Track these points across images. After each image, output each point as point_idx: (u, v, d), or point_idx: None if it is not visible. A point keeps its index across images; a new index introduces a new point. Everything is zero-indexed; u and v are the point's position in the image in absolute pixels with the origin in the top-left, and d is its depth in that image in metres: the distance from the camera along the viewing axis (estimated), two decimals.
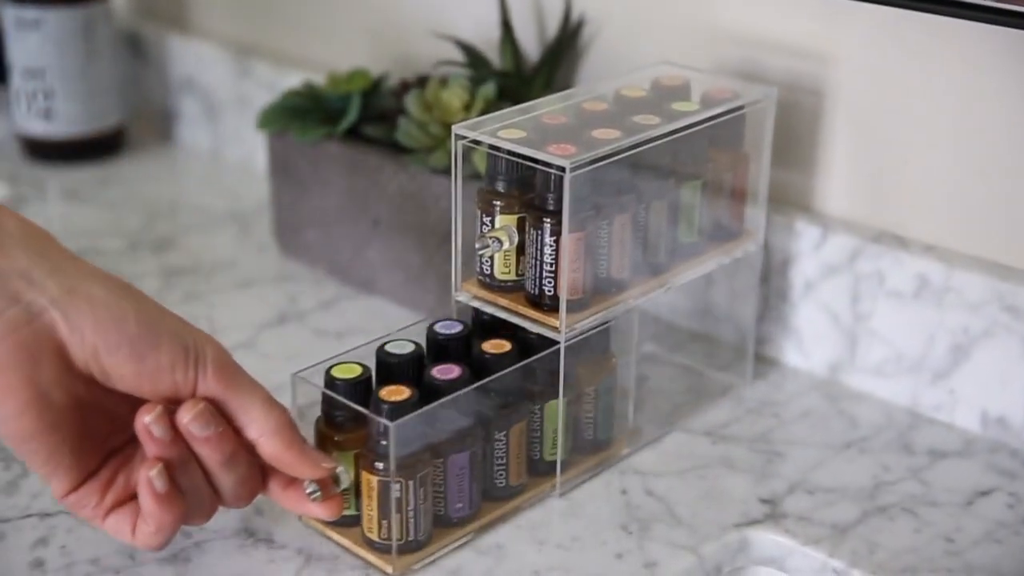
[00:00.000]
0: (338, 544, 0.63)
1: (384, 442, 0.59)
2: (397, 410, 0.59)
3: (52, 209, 1.08)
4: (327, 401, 0.62)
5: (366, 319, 0.86)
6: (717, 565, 0.65)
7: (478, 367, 0.64)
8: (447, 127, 0.80)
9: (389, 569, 0.61)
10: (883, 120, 0.75)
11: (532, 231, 0.64)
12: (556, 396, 0.66)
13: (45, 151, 1.11)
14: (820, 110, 0.77)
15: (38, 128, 1.10)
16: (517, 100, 0.76)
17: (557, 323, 0.64)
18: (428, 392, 0.61)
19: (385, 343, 0.64)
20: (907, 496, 0.68)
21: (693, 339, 0.84)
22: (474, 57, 0.87)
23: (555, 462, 0.67)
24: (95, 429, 0.58)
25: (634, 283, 0.68)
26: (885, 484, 0.69)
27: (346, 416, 0.62)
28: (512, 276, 0.66)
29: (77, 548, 0.63)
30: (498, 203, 0.65)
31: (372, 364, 0.64)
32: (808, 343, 0.79)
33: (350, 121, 0.87)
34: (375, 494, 0.60)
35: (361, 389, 0.62)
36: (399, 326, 0.67)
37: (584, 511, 0.67)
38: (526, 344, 0.65)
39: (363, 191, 0.87)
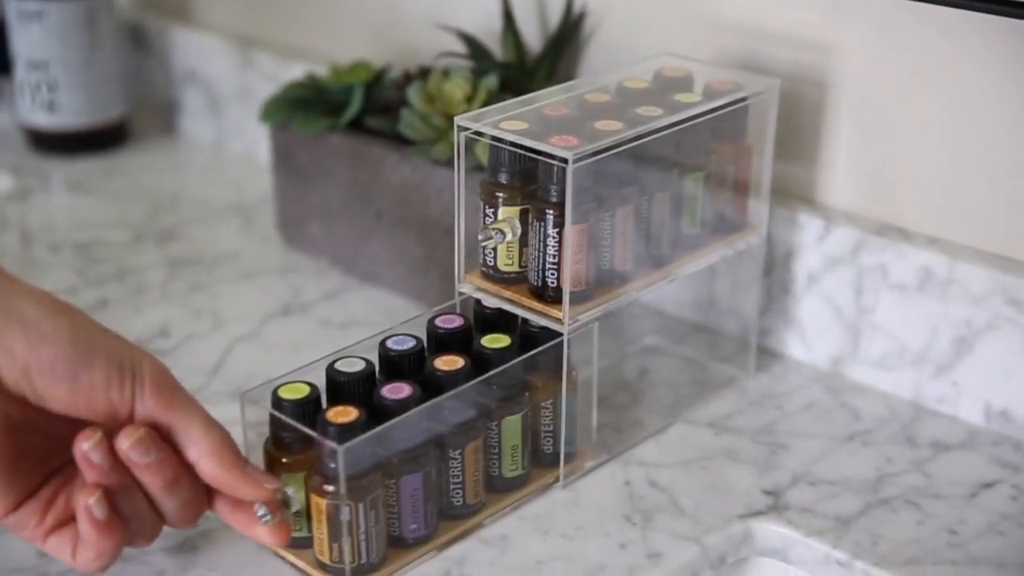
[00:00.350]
0: (293, 566, 0.62)
1: (332, 464, 0.57)
2: (345, 432, 0.57)
3: (56, 201, 1.08)
4: (274, 422, 0.61)
5: (369, 311, 0.86)
6: (720, 556, 0.65)
7: (431, 384, 0.62)
8: (449, 119, 0.80)
9: None
10: (886, 112, 0.75)
11: (535, 223, 0.64)
12: (512, 412, 0.64)
13: (49, 143, 1.11)
14: (823, 102, 0.77)
15: (42, 120, 1.10)
16: (519, 92, 0.76)
17: (560, 315, 0.64)
18: (378, 412, 0.59)
19: (335, 360, 0.62)
20: (910, 488, 0.68)
21: (696, 331, 0.84)
22: (476, 49, 0.87)
23: (514, 478, 0.66)
24: (31, 450, 0.57)
25: (637, 275, 0.68)
26: (888, 476, 0.69)
27: (294, 437, 0.60)
28: (515, 268, 0.66)
29: None
30: (501, 195, 0.65)
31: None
32: (811, 335, 0.79)
33: (353, 113, 0.87)
34: (324, 517, 0.59)
35: (309, 410, 0.60)
36: (402, 317, 0.67)
37: (587, 502, 0.67)
38: (482, 358, 0.64)
39: (366, 183, 0.87)
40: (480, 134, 0.65)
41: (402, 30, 0.99)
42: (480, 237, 0.65)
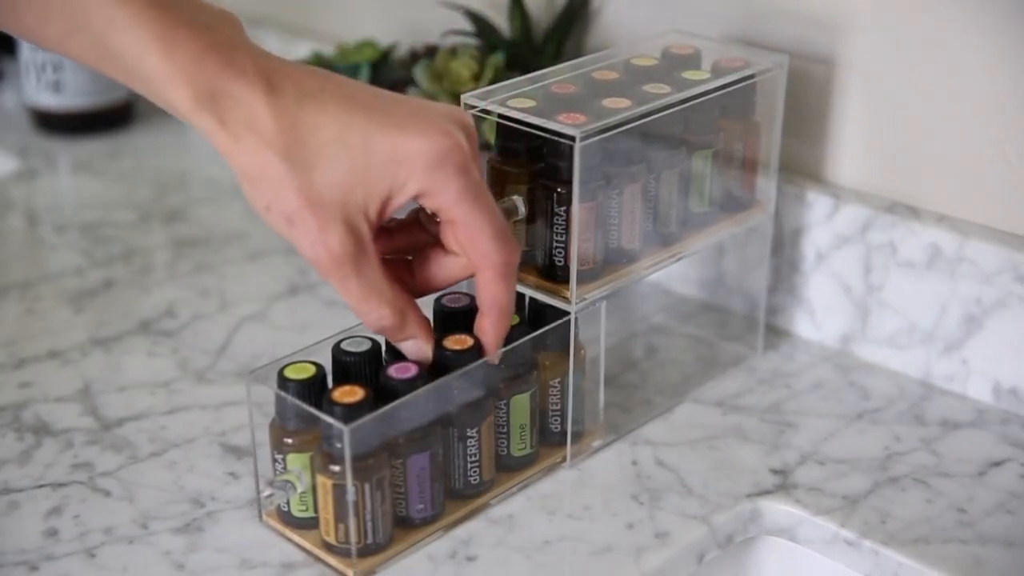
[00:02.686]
0: (298, 546, 0.61)
1: (338, 444, 0.57)
2: (351, 412, 0.57)
3: (63, 181, 1.08)
4: (280, 402, 0.60)
5: None
6: (728, 535, 0.65)
7: (439, 364, 0.60)
8: (456, 97, 0.80)
9: (349, 573, 0.59)
10: (895, 89, 0.74)
11: (542, 201, 0.64)
12: (521, 391, 0.64)
13: (55, 123, 1.11)
14: (832, 79, 0.76)
15: (48, 100, 1.10)
16: (526, 69, 0.76)
17: (568, 294, 0.64)
18: (385, 392, 0.58)
19: (341, 340, 0.62)
20: (919, 467, 0.68)
21: (704, 310, 0.84)
22: (483, 26, 0.86)
23: (522, 457, 0.66)
24: None
25: (645, 253, 0.68)
26: (897, 455, 0.69)
27: (300, 417, 0.60)
28: (522, 247, 0.66)
29: (90, 517, 0.64)
30: (508, 172, 0.64)
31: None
32: (820, 314, 0.79)
33: None
34: (330, 497, 0.58)
35: (315, 390, 0.59)
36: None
37: (595, 481, 0.67)
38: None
39: None
40: (487, 112, 0.64)
41: (409, 8, 0.98)
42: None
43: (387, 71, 0.89)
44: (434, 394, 0.60)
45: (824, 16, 0.76)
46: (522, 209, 0.64)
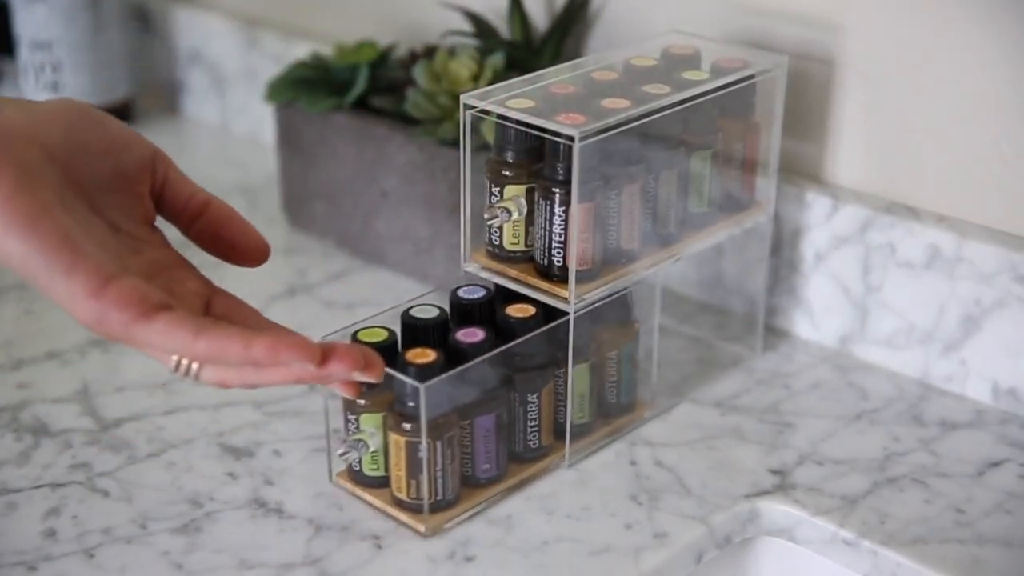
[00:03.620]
0: (368, 504, 0.64)
1: (412, 403, 0.60)
2: (425, 372, 0.60)
3: None
4: None
5: (375, 291, 0.86)
6: (727, 535, 0.65)
7: (502, 331, 0.64)
8: (455, 98, 0.80)
9: (421, 528, 0.63)
10: (895, 89, 0.74)
11: (541, 201, 0.64)
12: (579, 361, 0.67)
13: None
14: (831, 79, 0.76)
15: None
16: (526, 70, 0.76)
17: (566, 294, 0.64)
18: (452, 355, 0.62)
19: (409, 308, 0.64)
20: (917, 467, 0.68)
21: (703, 310, 0.84)
22: (482, 27, 0.86)
23: (578, 425, 0.68)
24: (98, 236, 0.52)
25: (644, 254, 0.68)
26: (895, 455, 0.69)
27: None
28: (521, 247, 0.66)
29: (89, 518, 0.64)
30: (507, 173, 0.64)
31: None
32: (818, 314, 0.79)
33: (358, 92, 0.87)
34: (403, 454, 0.62)
35: (386, 353, 0.60)
36: (408, 297, 0.67)
37: (594, 482, 0.67)
38: (550, 308, 0.65)
39: (371, 163, 0.86)
40: (487, 112, 0.64)
41: (408, 9, 0.98)
42: (486, 216, 0.64)
43: (386, 72, 0.89)
44: (500, 359, 0.63)
45: (823, 17, 0.76)
46: (522, 209, 0.64)
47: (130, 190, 0.56)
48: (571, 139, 0.61)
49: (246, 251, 0.59)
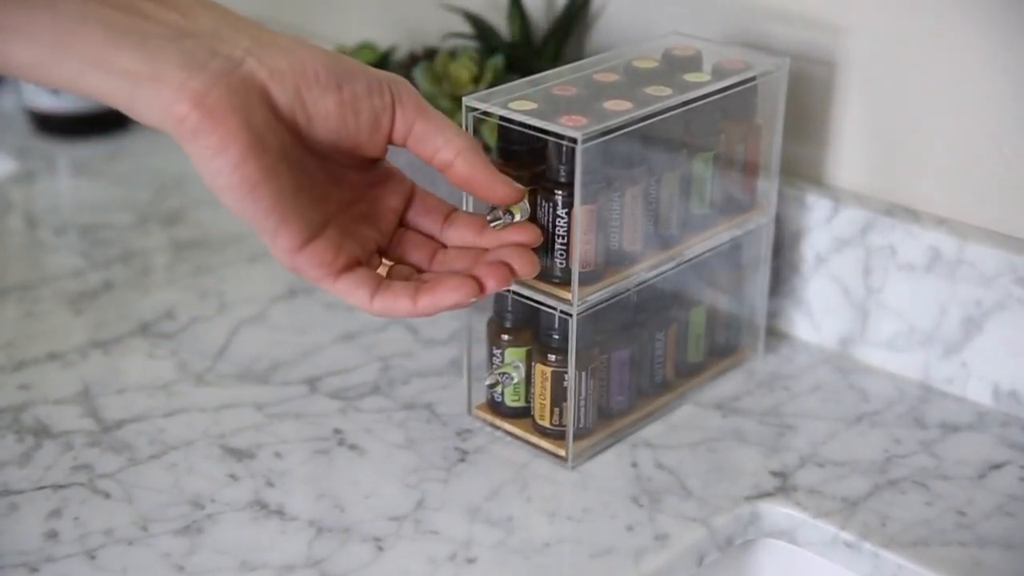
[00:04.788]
0: (508, 433, 0.70)
1: (556, 336, 0.66)
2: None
3: (61, 184, 1.08)
4: (499, 302, 0.68)
5: None
6: (728, 538, 0.65)
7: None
8: (456, 100, 0.80)
9: (562, 452, 0.67)
10: (896, 91, 0.74)
11: (543, 204, 0.64)
12: (695, 304, 0.73)
13: (54, 126, 1.11)
14: (832, 81, 0.76)
15: (46, 103, 1.10)
16: (526, 72, 0.76)
17: (569, 296, 0.64)
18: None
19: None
20: (918, 469, 0.68)
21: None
22: (482, 29, 0.86)
23: (696, 364, 0.75)
24: (310, 186, 0.57)
25: (645, 256, 0.68)
26: (896, 457, 0.69)
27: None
28: None
29: (90, 519, 0.64)
30: (509, 175, 0.64)
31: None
32: (819, 316, 0.79)
33: None
34: (548, 384, 0.67)
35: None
36: None
37: (595, 483, 0.67)
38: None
39: None
40: (489, 114, 0.64)
41: (408, 10, 0.98)
42: (488, 218, 0.64)
43: None
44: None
45: (824, 19, 0.76)
46: (526, 210, 0.64)
47: (358, 148, 0.58)
48: (574, 141, 0.61)
49: (495, 202, 0.61)
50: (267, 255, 0.91)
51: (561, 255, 0.64)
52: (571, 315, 0.64)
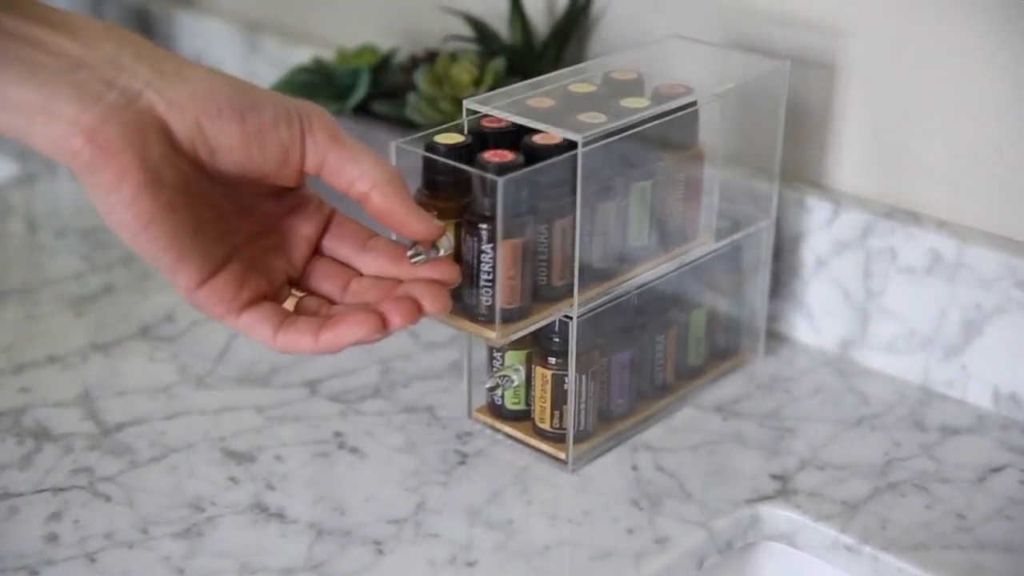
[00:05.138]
0: (508, 435, 0.70)
1: (556, 339, 0.66)
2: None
3: (62, 187, 1.08)
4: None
5: None
6: (728, 541, 0.65)
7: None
8: (457, 102, 0.80)
9: (562, 455, 0.67)
10: (896, 94, 0.74)
11: (467, 238, 0.61)
12: (696, 307, 0.73)
13: None
14: (832, 84, 0.76)
15: None
16: (527, 75, 0.76)
17: (493, 334, 0.62)
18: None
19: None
20: (918, 472, 0.68)
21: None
22: (483, 32, 0.86)
23: (696, 367, 0.75)
24: (212, 221, 0.55)
25: (580, 291, 0.64)
26: (896, 460, 0.69)
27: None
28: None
29: (91, 522, 0.64)
30: (435, 207, 0.62)
31: None
32: (819, 319, 0.79)
33: (359, 97, 0.87)
34: (548, 386, 0.67)
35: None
36: None
37: (595, 486, 0.67)
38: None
39: None
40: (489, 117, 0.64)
41: (409, 13, 0.98)
42: (409, 253, 0.59)
43: (387, 76, 0.89)
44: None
45: (825, 22, 0.76)
46: (448, 245, 0.59)
47: (268, 179, 0.56)
48: (494, 180, 0.58)
49: (412, 238, 0.58)
50: None
51: (486, 291, 0.62)
52: (571, 318, 0.64)
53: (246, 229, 0.57)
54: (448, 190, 0.62)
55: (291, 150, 0.55)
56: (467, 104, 0.64)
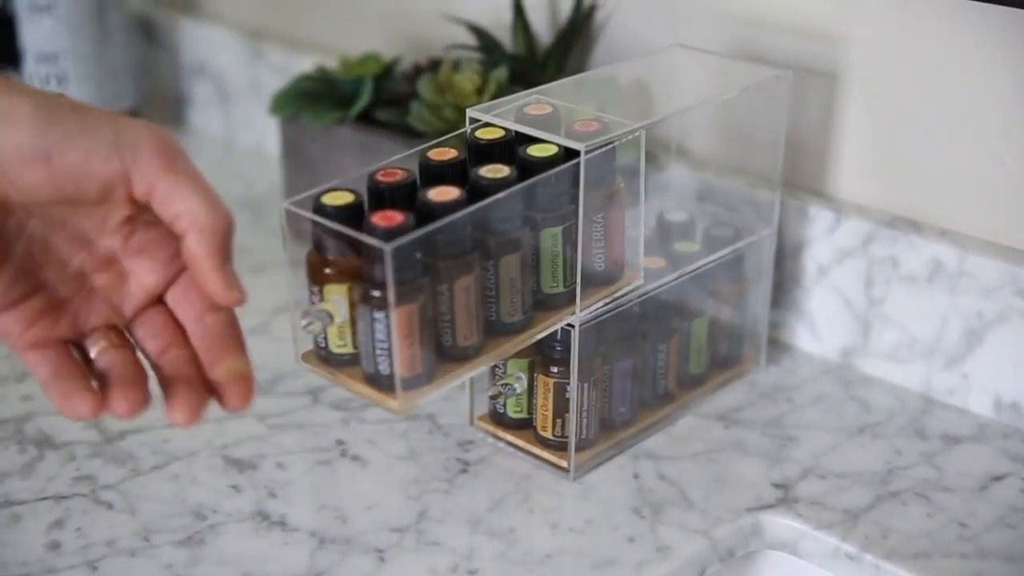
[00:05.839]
0: (510, 444, 0.70)
1: (559, 348, 0.66)
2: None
3: None
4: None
5: None
6: (729, 549, 0.65)
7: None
8: (460, 111, 0.80)
9: (564, 463, 0.68)
10: (897, 103, 0.74)
11: (360, 305, 0.57)
12: (697, 316, 0.74)
13: None
14: (834, 93, 0.76)
15: None
16: (529, 84, 0.76)
17: (395, 403, 0.58)
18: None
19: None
20: (920, 481, 0.68)
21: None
22: (486, 40, 0.87)
23: (698, 374, 0.75)
24: (20, 258, 0.52)
25: (487, 347, 0.61)
26: (898, 469, 0.69)
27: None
28: (349, 349, 0.59)
29: (93, 530, 0.64)
30: (328, 268, 0.58)
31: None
32: (821, 328, 0.79)
33: (362, 105, 0.87)
34: (551, 395, 0.67)
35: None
36: None
37: (597, 495, 0.67)
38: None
39: None
40: (491, 125, 0.64)
41: (412, 22, 0.99)
42: (303, 322, 0.58)
43: (390, 85, 0.89)
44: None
45: (826, 31, 0.76)
46: (341, 314, 0.57)
47: (95, 212, 0.53)
48: (380, 250, 0.54)
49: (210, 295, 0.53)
50: (270, 267, 0.91)
51: (382, 360, 0.57)
52: (573, 326, 0.65)
53: (79, 263, 0.53)
54: (338, 252, 0.57)
55: (113, 183, 0.51)
56: (471, 113, 0.64)
